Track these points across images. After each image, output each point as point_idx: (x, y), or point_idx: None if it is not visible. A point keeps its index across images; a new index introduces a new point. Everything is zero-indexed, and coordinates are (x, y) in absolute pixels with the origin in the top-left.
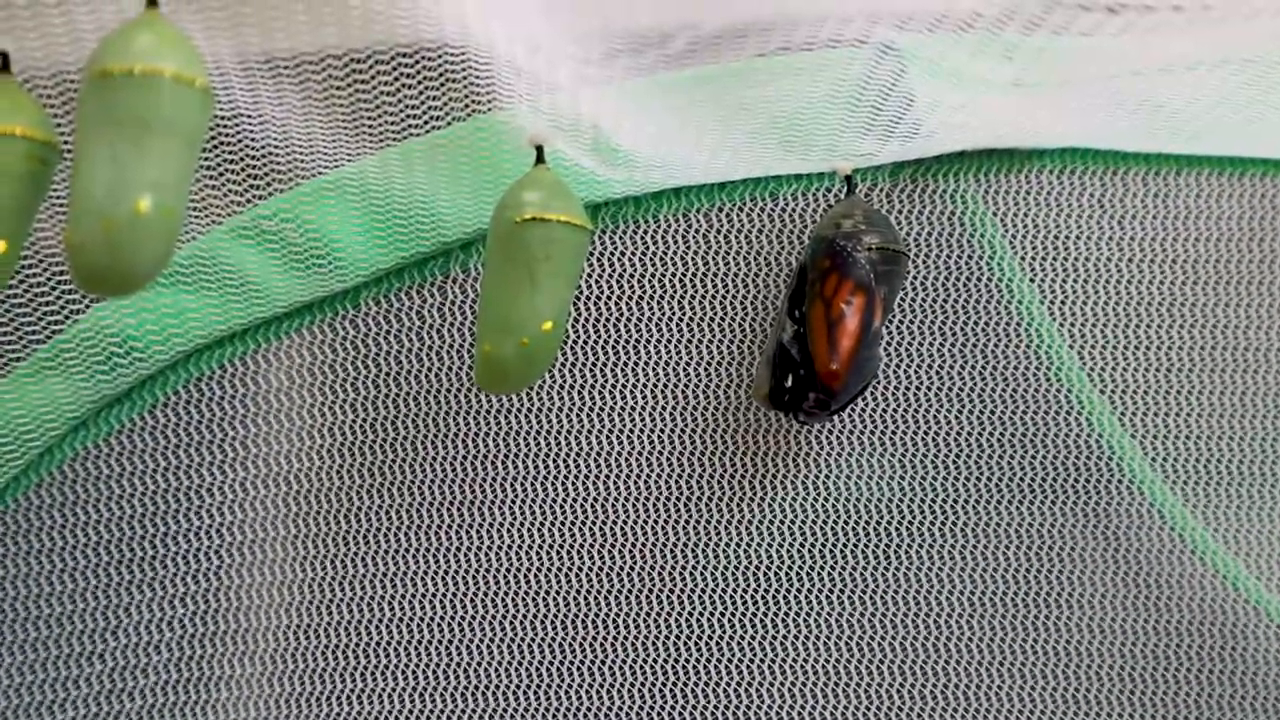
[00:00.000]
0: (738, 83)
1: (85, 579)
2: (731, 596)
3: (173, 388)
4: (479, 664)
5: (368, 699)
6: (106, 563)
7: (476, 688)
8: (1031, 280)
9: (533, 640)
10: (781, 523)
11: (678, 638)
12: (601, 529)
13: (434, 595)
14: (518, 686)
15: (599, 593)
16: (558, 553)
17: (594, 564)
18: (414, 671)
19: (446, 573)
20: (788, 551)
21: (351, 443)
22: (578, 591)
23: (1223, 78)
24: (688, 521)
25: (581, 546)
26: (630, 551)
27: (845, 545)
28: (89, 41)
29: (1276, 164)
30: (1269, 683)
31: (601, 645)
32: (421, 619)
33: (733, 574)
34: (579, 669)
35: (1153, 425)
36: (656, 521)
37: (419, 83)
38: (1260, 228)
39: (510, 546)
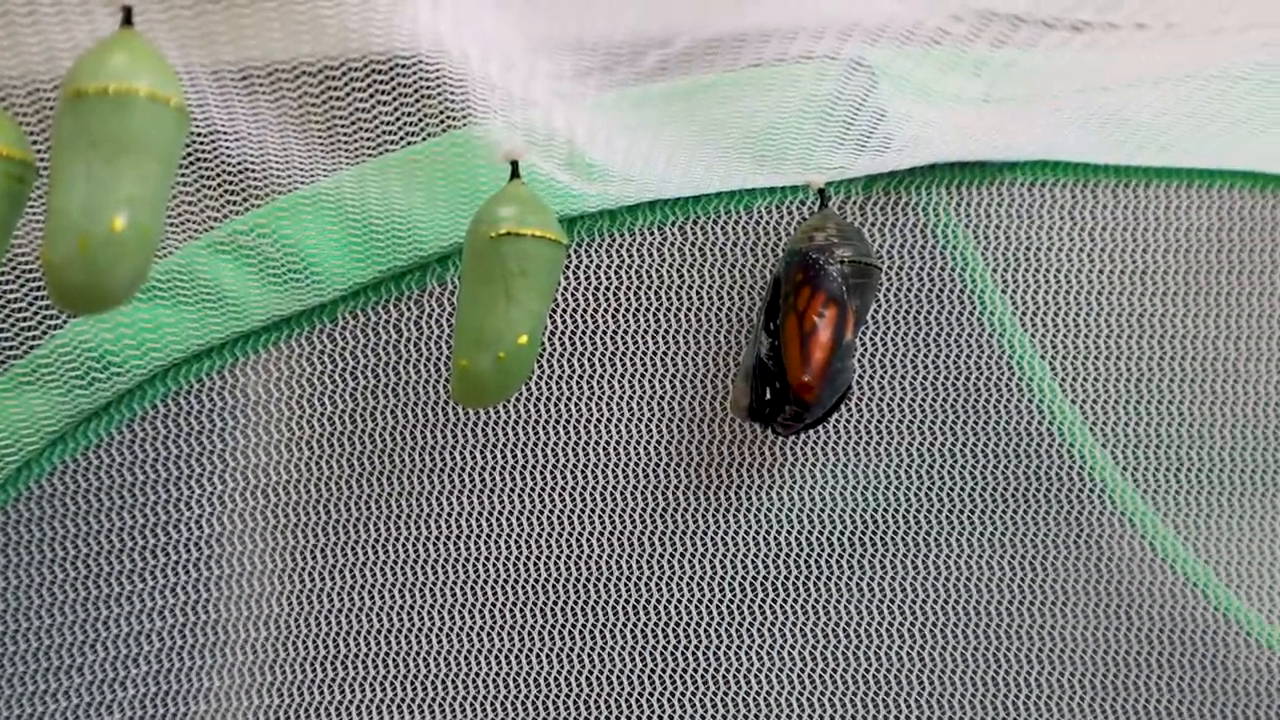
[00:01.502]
0: (710, 98)
1: (64, 593)
2: (709, 607)
3: (150, 402)
4: (460, 675)
5: (348, 711)
6: (85, 576)
7: (458, 698)
8: (1003, 291)
9: (513, 651)
10: (758, 534)
11: (657, 647)
12: (579, 540)
13: (413, 606)
14: (499, 697)
15: (577, 602)
16: (537, 563)
17: (573, 573)
18: (394, 684)
19: (425, 584)
20: (764, 563)
21: (329, 456)
22: (557, 601)
23: (1189, 92)
24: (666, 533)
25: (560, 556)
26: (608, 561)
27: (821, 556)
28: (64, 59)
29: (1244, 175)
30: (1239, 690)
31: (581, 655)
32: (400, 630)
33: (710, 585)
34: (560, 679)
35: (1124, 435)
36: (635, 532)
37: (394, 98)
38: (1228, 239)
39: (490, 558)
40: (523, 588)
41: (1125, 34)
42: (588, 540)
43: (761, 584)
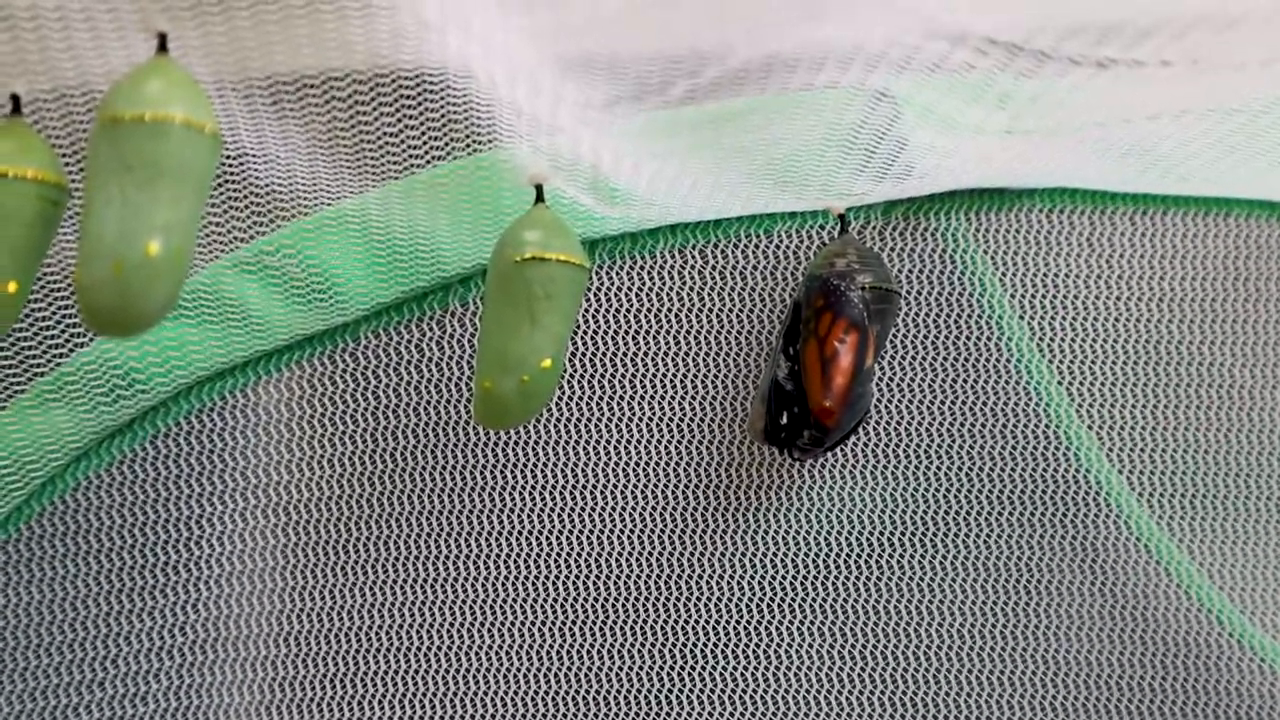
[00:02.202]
0: (736, 125)
1: (86, 608)
2: (725, 630)
3: (174, 418)
4: (475, 695)
5: None
6: (107, 592)
7: (471, 718)
8: (1021, 317)
9: (528, 669)
10: (774, 556)
11: (674, 667)
12: (596, 559)
13: (431, 627)
14: (515, 716)
15: (593, 621)
16: (554, 583)
17: (589, 593)
18: (410, 703)
19: (443, 604)
20: (780, 584)
21: (350, 475)
22: (572, 619)
23: (1211, 125)
24: (683, 554)
25: (577, 576)
26: (625, 580)
27: (836, 577)
28: (98, 82)
29: (1262, 205)
30: (1249, 715)
31: (598, 673)
32: (418, 650)
33: (726, 608)
34: (577, 697)
35: (1140, 460)
36: (652, 553)
37: (421, 120)
38: (1245, 267)
39: (507, 577)
40: (540, 607)
41: (1150, 70)
42: (604, 560)
43: (777, 604)
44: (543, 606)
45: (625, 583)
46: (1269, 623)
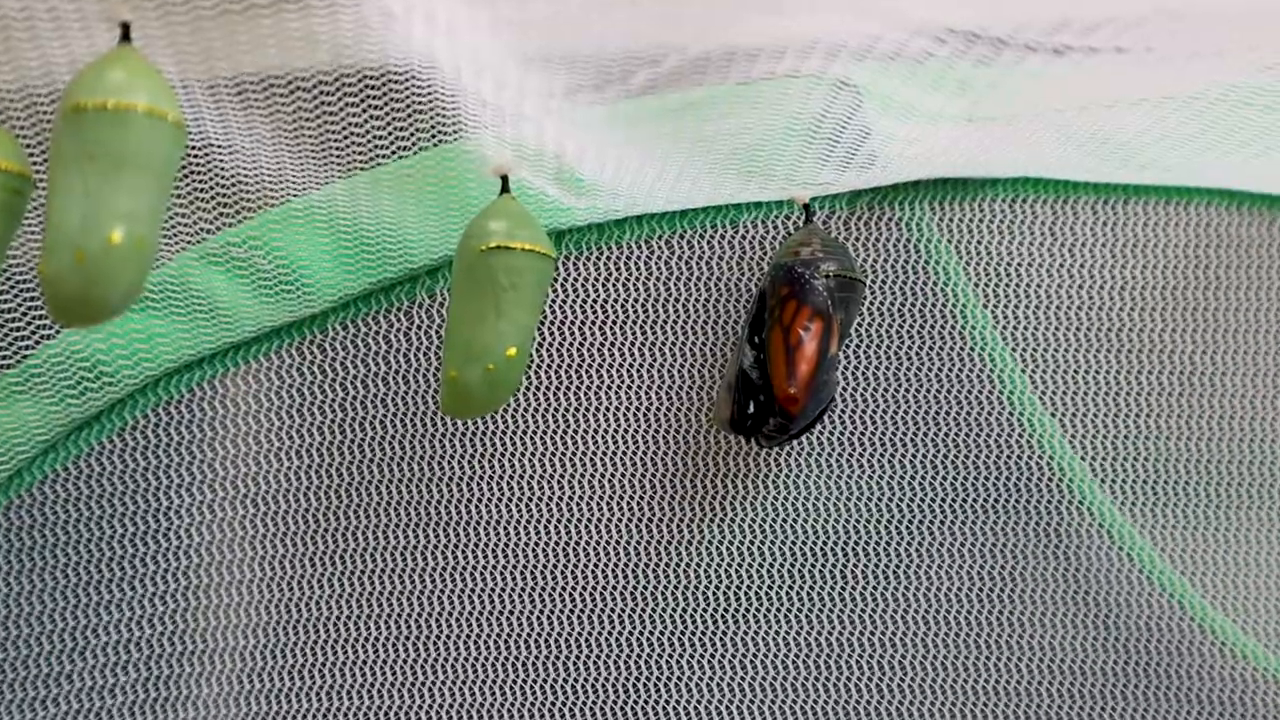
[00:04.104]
0: (699, 115)
1: (55, 600)
2: (692, 618)
3: (142, 411)
4: (445, 685)
5: None
6: (76, 584)
7: (441, 708)
8: (984, 305)
9: (498, 660)
10: (741, 545)
11: (641, 658)
12: (565, 550)
13: (399, 615)
14: (483, 706)
15: (564, 612)
16: (523, 573)
17: (558, 584)
18: (380, 693)
19: (412, 592)
20: (747, 574)
21: (318, 465)
22: (543, 610)
23: (1167, 113)
24: (650, 543)
25: (546, 567)
26: (594, 573)
27: (803, 567)
28: (62, 73)
29: (1220, 193)
30: (1214, 701)
31: (565, 665)
32: (388, 639)
33: (693, 596)
34: (544, 689)
35: (1102, 447)
36: (619, 543)
37: (386, 112)
38: (1205, 255)
39: (476, 567)
40: (508, 596)
41: (1105, 57)
42: (572, 548)
43: (743, 594)
44: (511, 595)
45: (593, 570)
46: (1229, 607)
